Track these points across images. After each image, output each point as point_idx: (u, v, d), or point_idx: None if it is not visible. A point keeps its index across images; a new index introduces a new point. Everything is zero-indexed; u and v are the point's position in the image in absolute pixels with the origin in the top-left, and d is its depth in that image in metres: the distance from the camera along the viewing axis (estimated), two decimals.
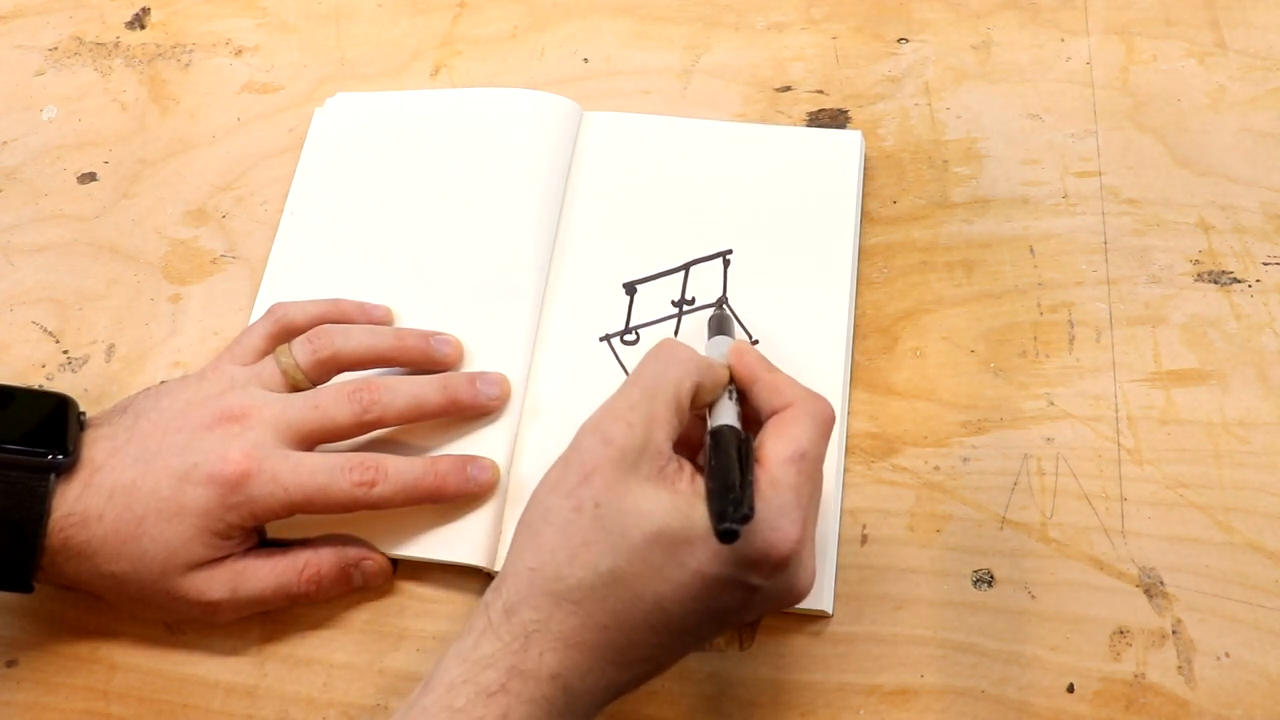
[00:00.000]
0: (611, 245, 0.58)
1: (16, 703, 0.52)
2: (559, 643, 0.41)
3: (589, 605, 0.41)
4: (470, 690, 0.40)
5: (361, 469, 0.50)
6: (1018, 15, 0.64)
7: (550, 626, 0.41)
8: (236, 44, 0.69)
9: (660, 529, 0.41)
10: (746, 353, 0.47)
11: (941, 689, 0.48)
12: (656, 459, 0.42)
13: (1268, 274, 0.55)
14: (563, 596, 0.41)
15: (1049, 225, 0.58)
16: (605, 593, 0.41)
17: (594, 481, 0.42)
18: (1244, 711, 0.47)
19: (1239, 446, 0.52)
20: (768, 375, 0.46)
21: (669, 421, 0.43)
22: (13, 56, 0.70)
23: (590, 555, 0.41)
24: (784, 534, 0.41)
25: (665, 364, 0.44)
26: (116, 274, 0.62)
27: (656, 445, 0.43)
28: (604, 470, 0.42)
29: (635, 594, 0.41)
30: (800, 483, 0.42)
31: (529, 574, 0.42)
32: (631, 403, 0.43)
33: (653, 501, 0.41)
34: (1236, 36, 0.62)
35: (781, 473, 0.42)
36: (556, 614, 0.41)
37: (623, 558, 0.41)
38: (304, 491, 0.49)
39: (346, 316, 0.56)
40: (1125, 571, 0.50)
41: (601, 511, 0.41)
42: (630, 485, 0.42)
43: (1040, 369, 0.54)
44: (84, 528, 0.48)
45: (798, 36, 0.65)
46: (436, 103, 0.63)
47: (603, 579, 0.41)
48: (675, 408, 0.44)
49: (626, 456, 0.42)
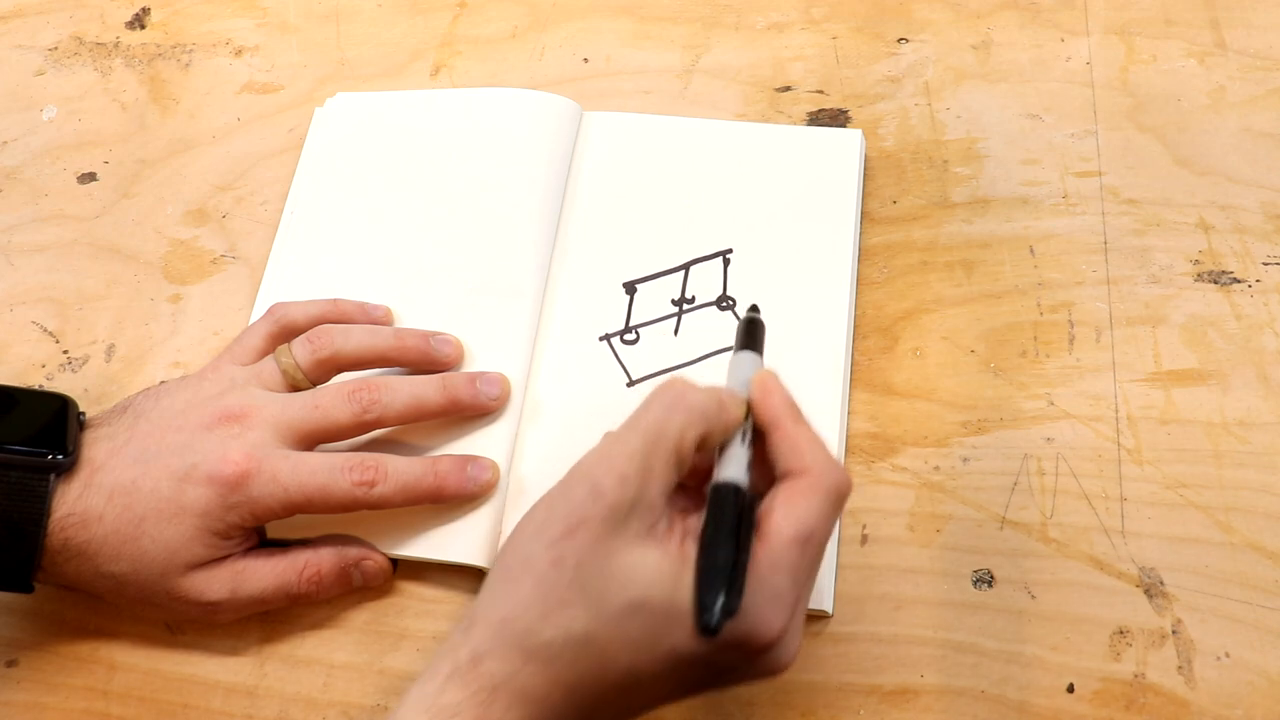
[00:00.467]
0: (611, 245, 0.58)
1: (16, 703, 0.52)
2: (525, 700, 0.39)
3: (558, 666, 0.39)
4: None
5: (361, 469, 0.50)
6: (1018, 15, 0.64)
7: (516, 681, 0.39)
8: (236, 44, 0.69)
9: (641, 599, 0.39)
10: (773, 393, 0.43)
11: (941, 689, 0.48)
12: (647, 515, 0.40)
13: (1268, 274, 0.55)
14: (532, 654, 0.39)
15: (1049, 225, 0.58)
16: (576, 655, 0.39)
17: (579, 536, 0.40)
18: (1244, 711, 0.47)
19: (1239, 446, 0.52)
20: (791, 427, 0.42)
21: (665, 475, 0.41)
22: (13, 56, 0.70)
23: (564, 617, 0.39)
24: (769, 624, 0.39)
25: (671, 410, 0.41)
26: (116, 274, 0.62)
27: (649, 501, 0.40)
28: (591, 525, 0.39)
29: (608, 660, 0.39)
30: (801, 566, 0.40)
31: (499, 624, 0.40)
32: (629, 452, 0.40)
33: (637, 565, 0.39)
34: (1236, 36, 0.62)
35: (784, 555, 0.39)
36: (524, 670, 0.39)
37: (598, 623, 0.39)
38: (304, 491, 0.49)
39: (346, 316, 0.56)
40: (1125, 571, 0.50)
41: (582, 572, 0.39)
42: (616, 546, 0.39)
43: (1040, 369, 0.54)
44: (84, 528, 0.48)
45: (798, 36, 0.65)
46: (436, 103, 0.63)
47: (575, 641, 0.39)
48: (675, 460, 0.41)
49: (616, 513, 0.39)
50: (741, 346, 0.46)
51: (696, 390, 0.42)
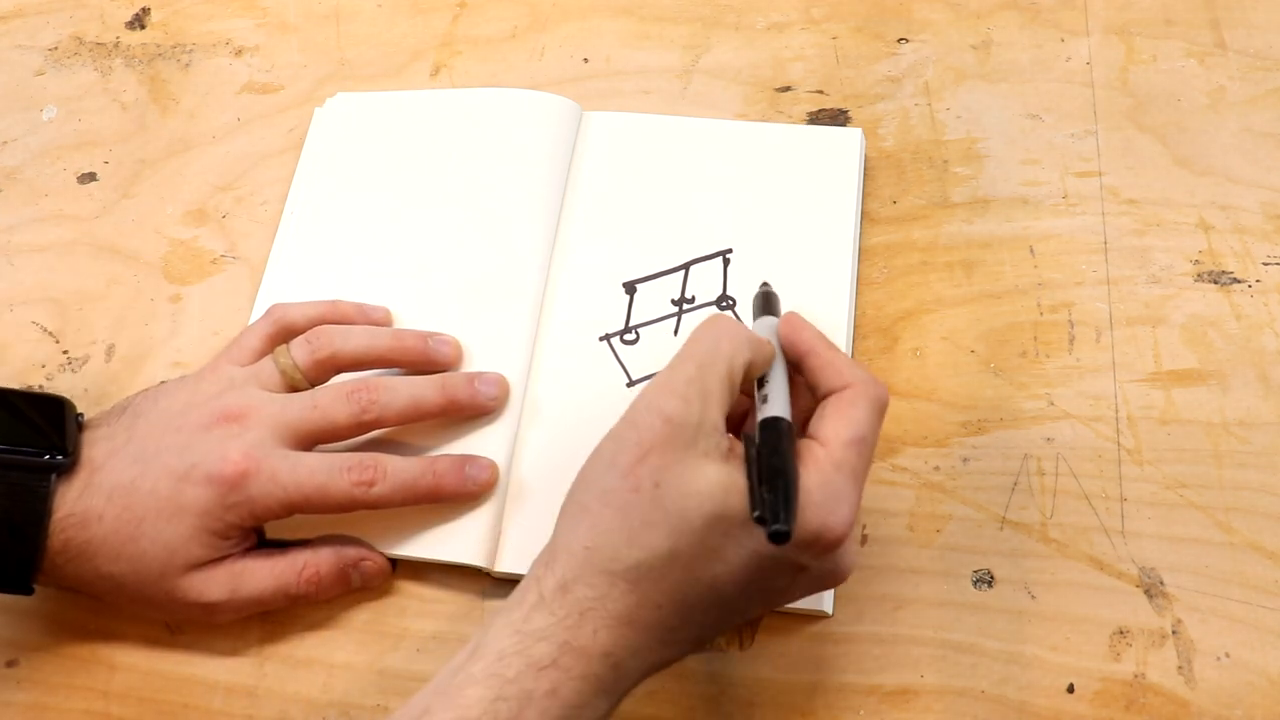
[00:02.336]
0: (611, 245, 0.58)
1: (16, 703, 0.52)
2: (614, 620, 0.41)
3: (646, 585, 0.41)
4: (521, 662, 0.40)
5: (360, 469, 0.50)
6: (1018, 15, 0.64)
7: (606, 604, 0.41)
8: (236, 44, 0.69)
9: (720, 510, 0.40)
10: (803, 327, 0.45)
11: (941, 689, 0.48)
12: (712, 435, 0.42)
13: (1268, 274, 0.55)
14: (620, 576, 0.41)
15: (1049, 225, 0.58)
16: (662, 574, 0.41)
17: (651, 460, 0.41)
18: (1244, 711, 0.47)
19: (1239, 446, 0.52)
20: (826, 351, 0.45)
21: (723, 398, 0.42)
22: (13, 56, 0.70)
23: (649, 537, 0.41)
24: (840, 517, 0.41)
25: (719, 338, 0.43)
26: (116, 274, 0.62)
27: (711, 422, 0.42)
28: (662, 448, 0.41)
29: (693, 575, 0.41)
30: (859, 467, 0.42)
31: (584, 553, 0.41)
32: (688, 378, 0.42)
33: (712, 481, 0.41)
34: (1236, 36, 0.62)
35: (844, 455, 0.42)
36: (613, 592, 0.41)
37: (682, 540, 0.41)
38: (303, 491, 0.49)
39: (345, 317, 0.56)
40: (1125, 571, 0.50)
41: (661, 492, 0.41)
42: (688, 464, 0.41)
43: (1040, 369, 0.54)
44: (84, 528, 0.48)
45: (798, 36, 0.65)
46: (436, 103, 0.63)
47: (661, 560, 0.41)
48: (729, 383, 0.43)
49: (684, 434, 0.41)
50: (760, 314, 0.48)
51: (737, 322, 0.45)
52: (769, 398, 0.44)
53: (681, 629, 0.42)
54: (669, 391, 0.42)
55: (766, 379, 0.45)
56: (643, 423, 0.42)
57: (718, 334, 0.43)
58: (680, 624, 0.42)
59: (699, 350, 0.43)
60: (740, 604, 0.43)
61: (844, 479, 0.41)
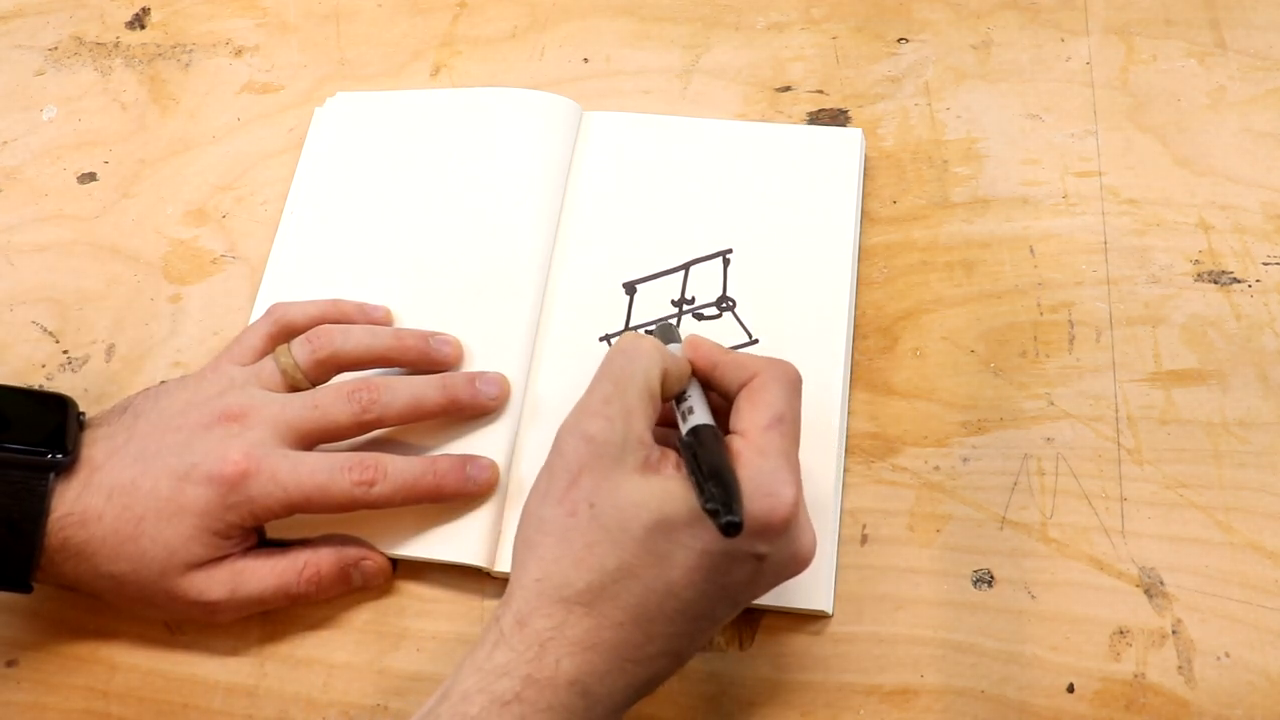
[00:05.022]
0: (611, 245, 0.58)
1: (16, 703, 0.52)
2: (575, 647, 0.41)
3: (602, 605, 0.41)
4: (484, 699, 0.40)
5: (361, 468, 0.50)
6: (1018, 15, 0.64)
7: (565, 632, 0.41)
8: (236, 44, 0.69)
9: (659, 517, 0.41)
10: (701, 343, 0.47)
11: (941, 689, 0.48)
12: (639, 449, 0.43)
13: (1268, 274, 0.55)
14: (574, 601, 0.41)
15: (1049, 225, 0.58)
16: (616, 590, 0.41)
17: (583, 483, 0.42)
18: (1244, 711, 0.47)
19: (1239, 446, 0.52)
20: (728, 357, 0.46)
21: (644, 410, 0.44)
22: (13, 56, 0.70)
23: (595, 557, 0.41)
24: (782, 497, 0.42)
25: (631, 356, 0.44)
26: (116, 274, 0.62)
27: (637, 435, 0.43)
28: (591, 469, 0.42)
29: (646, 585, 0.41)
30: (786, 445, 0.43)
31: (535, 585, 0.42)
32: (605, 397, 0.43)
33: (646, 491, 0.41)
34: (1236, 36, 0.62)
35: (765, 439, 0.43)
36: (570, 619, 0.41)
37: (628, 552, 0.41)
38: (303, 491, 0.49)
39: (346, 317, 0.56)
40: (1125, 571, 0.50)
41: (597, 511, 0.41)
42: (619, 479, 0.42)
43: (1040, 369, 0.54)
44: (83, 527, 0.48)
45: (798, 36, 0.65)
46: (436, 102, 0.63)
47: (611, 577, 0.41)
48: (647, 395, 0.44)
49: (609, 451, 0.42)
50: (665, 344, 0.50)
51: (648, 338, 0.46)
52: (692, 409, 0.45)
53: (648, 644, 0.42)
54: (589, 413, 0.43)
55: (685, 396, 0.46)
56: (568, 449, 0.43)
57: (629, 350, 0.45)
58: (645, 639, 0.42)
59: (613, 369, 0.44)
60: (705, 607, 0.43)
61: (773, 461, 0.42)
